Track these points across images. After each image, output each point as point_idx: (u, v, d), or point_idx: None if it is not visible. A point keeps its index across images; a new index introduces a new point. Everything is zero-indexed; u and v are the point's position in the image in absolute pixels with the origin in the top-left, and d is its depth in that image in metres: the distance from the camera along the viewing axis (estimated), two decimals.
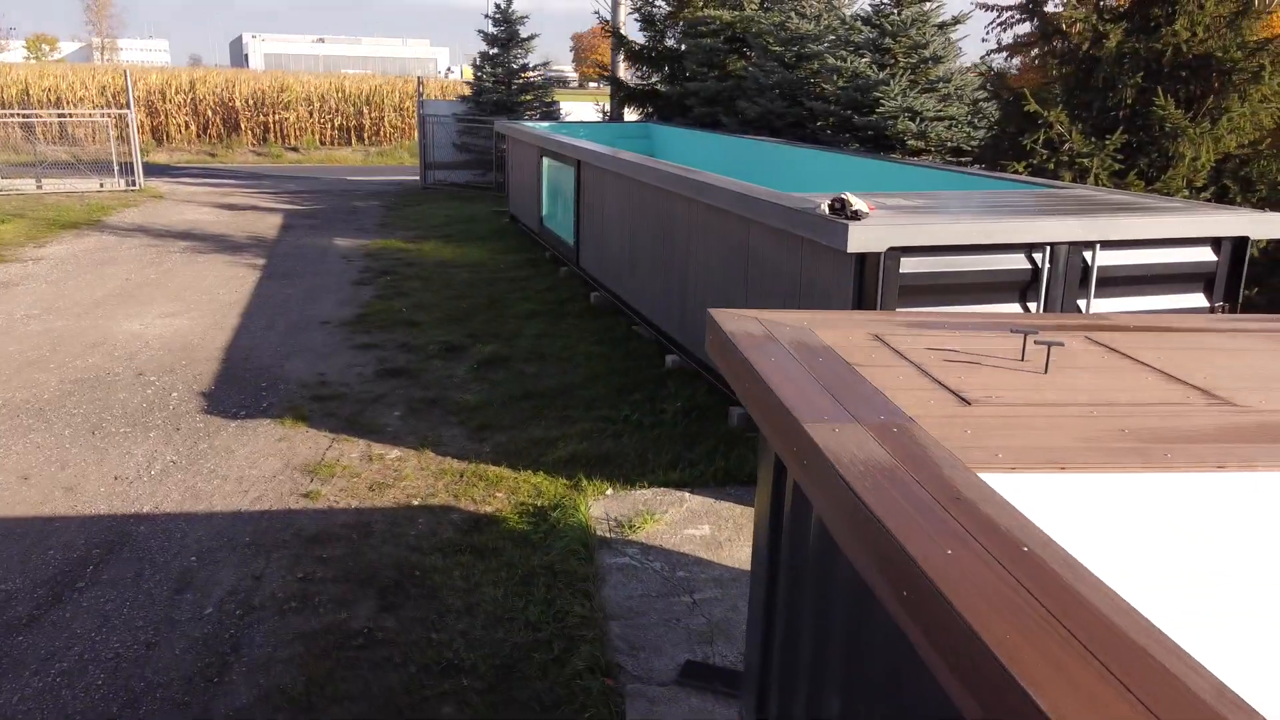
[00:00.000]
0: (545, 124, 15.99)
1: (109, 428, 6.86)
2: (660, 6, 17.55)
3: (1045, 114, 8.03)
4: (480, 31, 20.21)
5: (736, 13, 15.03)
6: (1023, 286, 5.37)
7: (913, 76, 11.82)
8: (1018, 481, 1.99)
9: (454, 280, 11.66)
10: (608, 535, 5.25)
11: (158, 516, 5.57)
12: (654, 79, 17.80)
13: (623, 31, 18.13)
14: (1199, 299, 5.73)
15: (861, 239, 4.95)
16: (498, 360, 8.47)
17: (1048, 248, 5.31)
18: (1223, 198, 8.15)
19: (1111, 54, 8.08)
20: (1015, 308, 5.37)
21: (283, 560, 5.09)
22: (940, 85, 11.85)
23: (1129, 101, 8.26)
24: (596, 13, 18.47)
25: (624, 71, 18.96)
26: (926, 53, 11.72)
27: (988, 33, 12.69)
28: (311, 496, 5.82)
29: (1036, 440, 2.16)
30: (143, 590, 4.80)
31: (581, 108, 22.79)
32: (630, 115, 20.61)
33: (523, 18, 20.21)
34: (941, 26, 11.96)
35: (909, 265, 5.12)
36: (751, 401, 2.63)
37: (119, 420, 7.01)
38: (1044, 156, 8.14)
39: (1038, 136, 8.20)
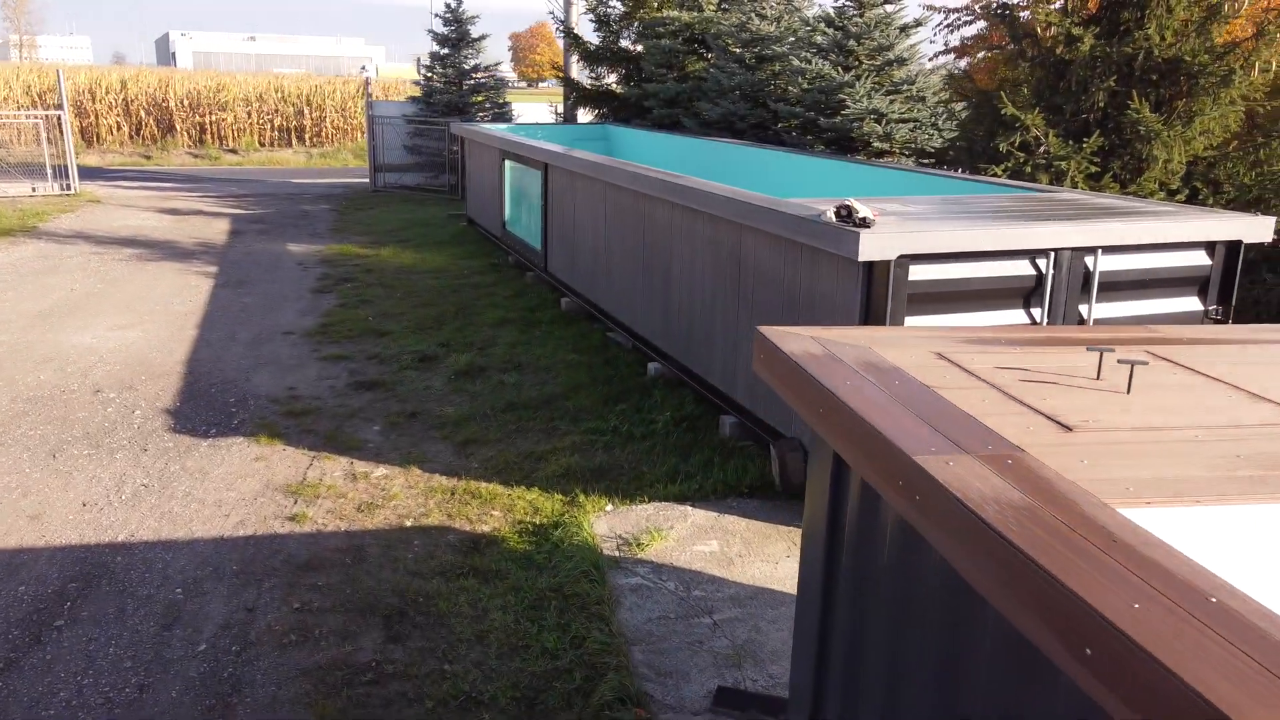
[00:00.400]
0: (504, 126, 15.73)
1: (70, 450, 6.50)
2: (615, 7, 17.40)
3: (1022, 117, 8.06)
4: (430, 31, 19.83)
5: (696, 14, 14.94)
6: (1027, 293, 5.34)
7: (877, 79, 11.84)
8: (1156, 517, 1.90)
9: (418, 287, 11.38)
10: (615, 554, 5.09)
11: (135, 545, 5.27)
12: (609, 80, 17.63)
13: (576, 32, 17.92)
14: (1194, 303, 5.77)
15: (872, 247, 4.87)
16: (474, 370, 8.25)
17: (1052, 253, 5.29)
18: (1193, 199, 8.27)
19: (1085, 57, 8.14)
20: (1020, 314, 5.34)
21: (275, 589, 4.84)
22: (905, 87, 11.90)
23: (1101, 105, 8.34)
24: (551, 13, 18.24)
25: (576, 72, 18.77)
26: (891, 55, 11.75)
27: (935, 34, 12.77)
28: (298, 519, 5.56)
29: (1158, 470, 2.07)
30: (128, 627, 4.51)
31: (531, 109, 22.54)
32: (584, 116, 20.43)
33: (473, 17, 19.89)
34: (904, 29, 12.00)
35: (917, 273, 5.05)
36: (829, 427, 2.50)
37: (80, 441, 6.65)
38: (1020, 159, 8.17)
39: (1014, 139, 8.23)
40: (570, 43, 19.16)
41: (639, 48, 17.25)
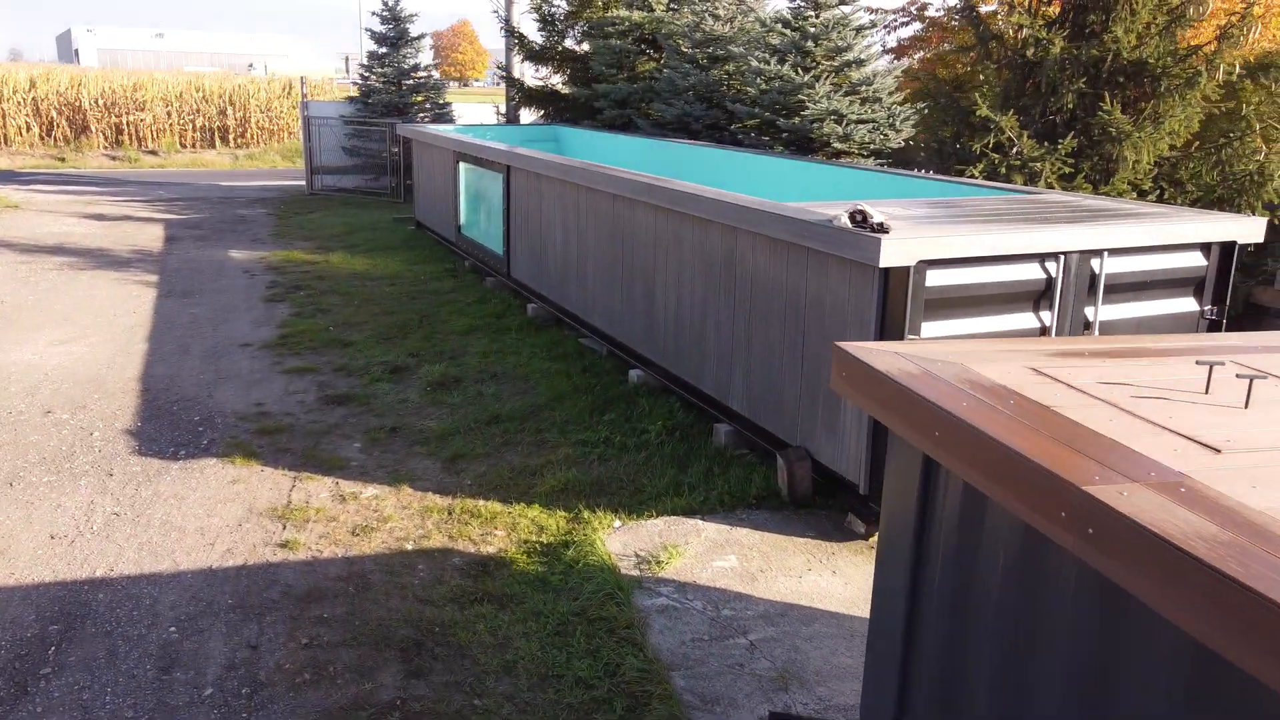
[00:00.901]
0: (453, 127, 15.38)
1: (28, 477, 6.07)
2: (559, 6, 17.15)
3: (996, 119, 8.11)
4: (368, 30, 19.31)
5: (646, 14, 14.80)
6: (1037, 297, 5.32)
7: (835, 80, 11.86)
8: None
9: (375, 295, 11.01)
10: (635, 573, 4.92)
11: (116, 581, 4.91)
12: (555, 80, 17.37)
13: (520, 30, 17.60)
14: (1191, 303, 5.83)
15: (894, 252, 4.79)
16: (450, 381, 7.98)
17: (1062, 256, 5.28)
18: (1160, 200, 8.43)
19: (1055, 60, 8.22)
20: (1031, 319, 5.33)
21: (278, 624, 4.55)
22: (862, 88, 11.93)
23: (1070, 106, 8.44)
24: (496, 11, 17.88)
25: (519, 71, 18.46)
26: (850, 56, 11.78)
27: (873, 35, 12.86)
28: (290, 546, 5.26)
29: None
30: (122, 672, 4.19)
31: (471, 109, 22.13)
32: (526, 117, 20.14)
33: (412, 16, 19.43)
34: (859, 30, 12.03)
35: (934, 278, 4.99)
36: (950, 450, 2.38)
37: (37, 468, 6.21)
38: (995, 160, 8.22)
39: (988, 141, 8.28)
40: (515, 41, 18.85)
41: (584, 47, 17.06)
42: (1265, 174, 7.91)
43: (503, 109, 19.17)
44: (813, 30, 11.88)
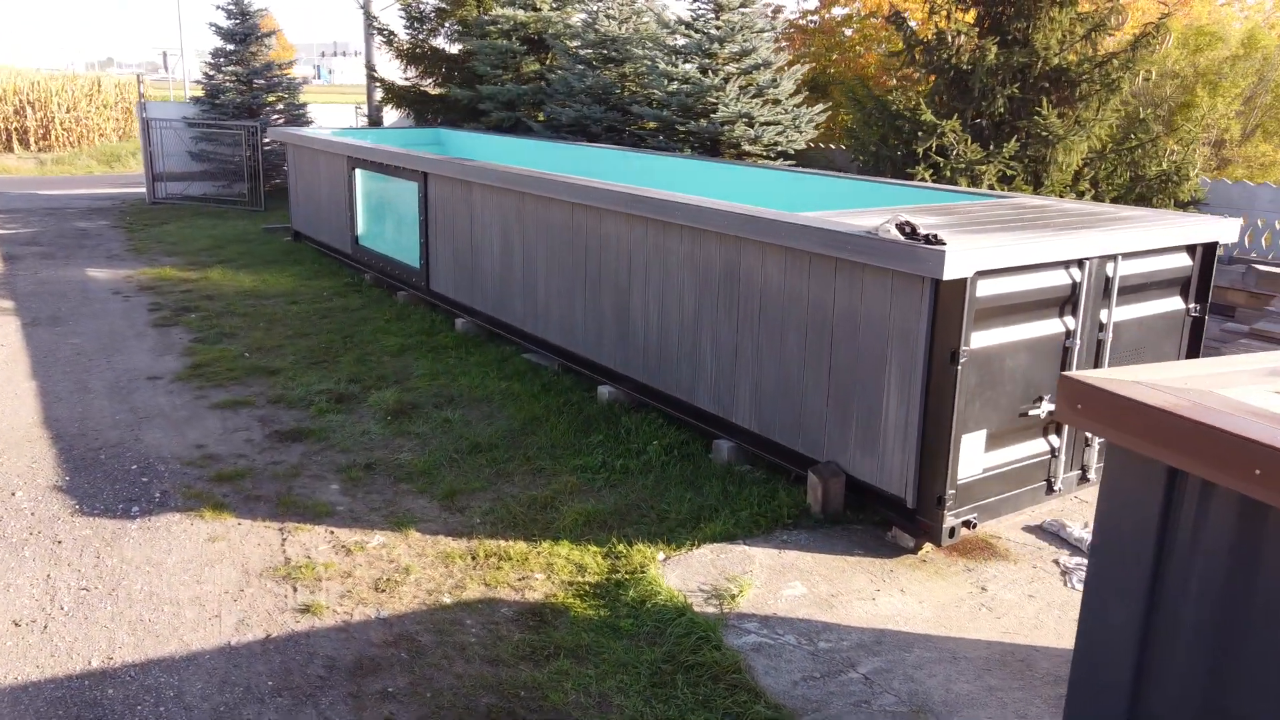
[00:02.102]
0: (331, 130, 14.44)
1: None
2: (429, 3, 16.43)
3: (940, 124, 8.29)
4: (212, 25, 17.86)
5: (532, 13, 14.36)
6: (1063, 303, 5.42)
7: (744, 82, 11.88)
8: None
9: (278, 314, 10.16)
10: (708, 610, 4.67)
11: (121, 672, 4.22)
12: (427, 82, 16.62)
13: (390, 28, 16.72)
14: (1178, 303, 6.10)
15: (956, 264, 4.74)
16: (407, 409, 7.42)
17: (1087, 262, 5.40)
18: (1094, 199, 8.86)
19: (991, 66, 8.49)
20: (1058, 324, 5.42)
21: (339, 705, 4.03)
22: (769, 90, 12.01)
23: (1000, 110, 8.74)
24: (362, 7, 16.92)
25: (383, 70, 17.59)
26: (758, 58, 11.83)
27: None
28: (313, 611, 4.69)
29: None
30: None
31: (328, 112, 20.95)
32: (390, 118, 19.25)
33: (260, 10, 18.13)
34: (760, 32, 12.11)
35: (983, 289, 4.98)
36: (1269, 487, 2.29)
37: None
38: (940, 163, 8.41)
39: (931, 144, 8.45)
40: (371, 40, 17.98)
41: (458, 47, 16.42)
42: (1181, 174, 8.45)
43: (367, 110, 18.20)
44: (717, 33, 11.85)
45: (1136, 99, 8.68)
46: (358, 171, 11.47)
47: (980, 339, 5.05)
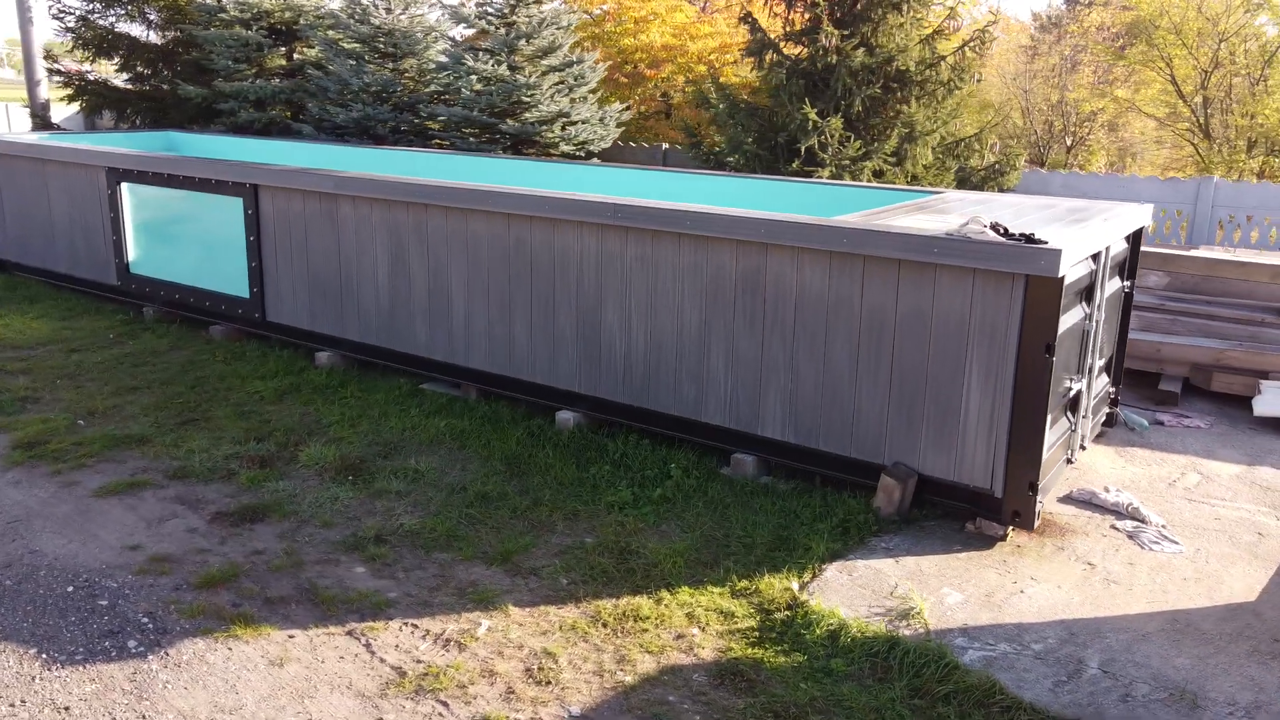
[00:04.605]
0: (79, 136, 11.78)
1: None
2: None
3: (823, 124, 8.59)
4: None
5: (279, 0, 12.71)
6: (1088, 289, 5.88)
7: (555, 79, 11.49)
8: None
9: (71, 368, 8.18)
10: (908, 632, 4.51)
11: None
12: (123, 76, 14.13)
13: (65, 8, 13.94)
14: (1118, 282, 6.86)
15: (1065, 260, 4.96)
16: (354, 466, 6.33)
17: (1101, 253, 5.89)
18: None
19: (854, 67, 8.94)
20: (1081, 313, 5.86)
21: None
22: (576, 87, 11.71)
23: (858, 109, 9.25)
24: None
25: (66, 62, 14.71)
26: (571, 55, 11.47)
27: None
28: None
29: None
30: None
31: None
32: (58, 116, 16.24)
33: None
34: (565, 28, 11.75)
35: (1066, 281, 5.26)
36: None
37: None
38: (825, 159, 8.72)
39: (813, 142, 8.74)
40: (26, 22, 15.01)
41: (155, 36, 14.16)
42: (1004, 168, 9.48)
43: (29, 109, 15.15)
44: (524, 28, 11.33)
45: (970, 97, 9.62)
46: (125, 186, 9.53)
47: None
